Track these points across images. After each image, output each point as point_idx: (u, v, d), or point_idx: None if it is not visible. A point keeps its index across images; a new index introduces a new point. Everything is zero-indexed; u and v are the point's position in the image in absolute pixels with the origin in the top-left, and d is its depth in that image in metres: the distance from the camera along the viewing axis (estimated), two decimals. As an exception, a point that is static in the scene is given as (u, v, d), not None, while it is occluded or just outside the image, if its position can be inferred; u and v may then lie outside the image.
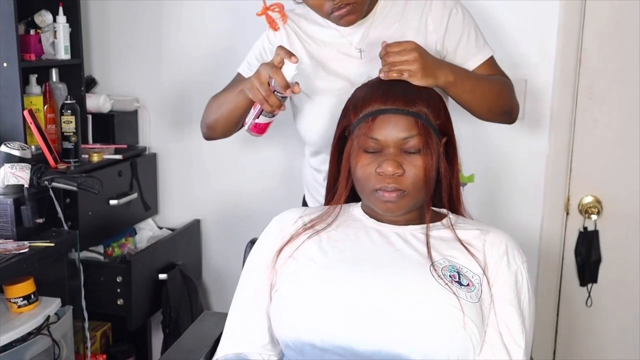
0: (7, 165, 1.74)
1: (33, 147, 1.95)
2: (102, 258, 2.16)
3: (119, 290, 2.05)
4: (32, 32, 2.06)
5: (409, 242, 1.15)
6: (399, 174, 1.12)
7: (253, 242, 1.37)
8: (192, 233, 2.40)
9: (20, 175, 1.75)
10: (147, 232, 2.37)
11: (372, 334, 1.04)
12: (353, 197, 1.25)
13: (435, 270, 1.09)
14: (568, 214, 2.11)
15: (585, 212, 2.07)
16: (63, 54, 2.12)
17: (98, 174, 1.97)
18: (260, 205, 2.26)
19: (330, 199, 1.27)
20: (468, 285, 1.09)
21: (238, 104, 1.43)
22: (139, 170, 2.29)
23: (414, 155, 1.13)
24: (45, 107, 2.08)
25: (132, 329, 2.13)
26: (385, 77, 1.22)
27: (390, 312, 1.04)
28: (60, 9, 2.09)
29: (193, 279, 2.28)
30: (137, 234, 2.35)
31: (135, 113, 2.41)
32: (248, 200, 2.35)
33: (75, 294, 1.93)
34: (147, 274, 2.14)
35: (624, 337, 2.13)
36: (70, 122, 2.03)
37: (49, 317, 1.75)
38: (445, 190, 1.20)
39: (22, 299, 1.73)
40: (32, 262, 1.71)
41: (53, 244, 1.78)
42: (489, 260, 1.13)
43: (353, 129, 1.18)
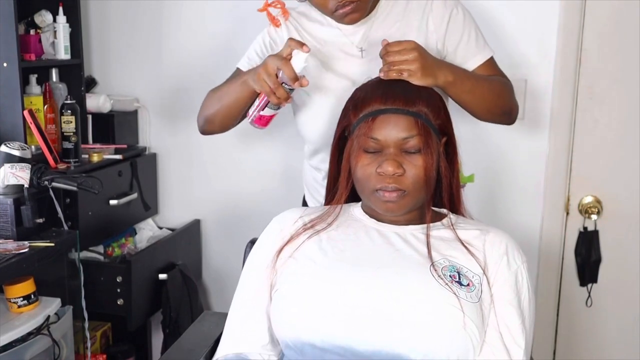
0: (7, 165, 1.74)
1: (33, 147, 1.95)
2: (102, 258, 2.16)
3: (119, 290, 2.05)
4: (32, 32, 2.06)
5: (409, 242, 1.15)
6: (400, 174, 1.12)
7: (253, 242, 1.37)
8: (192, 233, 2.40)
9: (20, 175, 1.75)
10: (147, 232, 2.37)
11: (372, 334, 1.04)
12: (353, 197, 1.25)
13: (436, 270, 1.09)
14: (568, 214, 2.11)
15: (585, 212, 2.07)
16: (63, 54, 2.12)
17: (98, 174, 1.97)
18: (260, 205, 2.26)
19: (331, 199, 1.27)
20: (468, 285, 1.09)
21: (241, 96, 1.40)
22: (139, 170, 2.29)
23: (414, 155, 1.13)
24: (45, 107, 2.08)
25: (132, 329, 2.13)
26: (385, 76, 1.22)
27: (390, 312, 1.04)
28: (60, 9, 2.09)
29: (193, 279, 2.28)
30: (137, 234, 2.35)
31: (135, 113, 2.41)
32: (248, 200, 2.34)
33: (75, 294, 1.93)
34: (147, 274, 2.14)
35: (624, 337, 2.13)
36: (70, 122, 2.03)
37: (49, 317, 1.75)
38: (446, 190, 1.19)
39: (22, 299, 1.73)
40: (32, 262, 1.71)
41: (53, 244, 1.78)
42: (489, 260, 1.13)
43: (353, 129, 1.18)
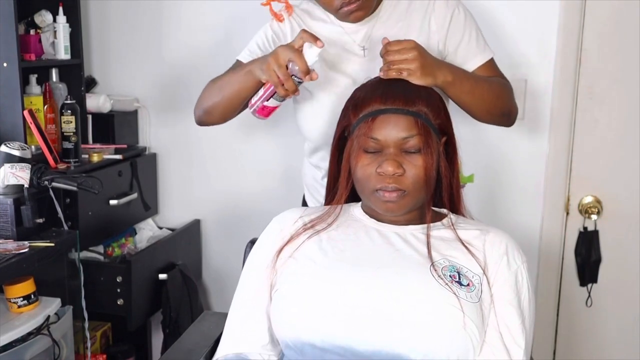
0: (7, 165, 1.74)
1: (33, 147, 1.95)
2: (102, 258, 2.16)
3: (119, 290, 2.05)
4: (32, 32, 2.06)
5: (409, 242, 1.15)
6: (400, 174, 1.12)
7: (253, 242, 1.37)
8: (192, 233, 2.40)
9: (20, 175, 1.75)
10: (147, 232, 2.37)
11: (372, 334, 1.04)
12: (353, 197, 1.25)
13: (436, 270, 1.09)
14: (568, 214, 2.10)
15: (585, 212, 2.07)
16: (63, 54, 2.12)
17: (98, 174, 1.97)
18: (260, 205, 2.26)
19: (331, 199, 1.27)
20: (468, 285, 1.09)
21: (245, 86, 1.37)
22: (139, 170, 2.29)
23: (414, 155, 1.13)
24: (45, 107, 2.08)
25: (132, 329, 2.12)
26: (385, 75, 1.22)
27: (390, 312, 1.04)
28: (60, 9, 2.09)
29: (193, 279, 2.28)
30: (137, 234, 2.35)
31: (135, 113, 2.41)
32: (248, 200, 2.34)
33: (75, 294, 1.93)
34: (147, 274, 2.14)
35: (624, 337, 2.13)
36: (70, 122, 2.03)
37: (49, 317, 1.75)
38: (446, 190, 1.19)
39: (22, 299, 1.72)
40: (32, 262, 1.71)
41: (53, 244, 1.78)
42: (489, 260, 1.13)
43: (353, 129, 1.18)
